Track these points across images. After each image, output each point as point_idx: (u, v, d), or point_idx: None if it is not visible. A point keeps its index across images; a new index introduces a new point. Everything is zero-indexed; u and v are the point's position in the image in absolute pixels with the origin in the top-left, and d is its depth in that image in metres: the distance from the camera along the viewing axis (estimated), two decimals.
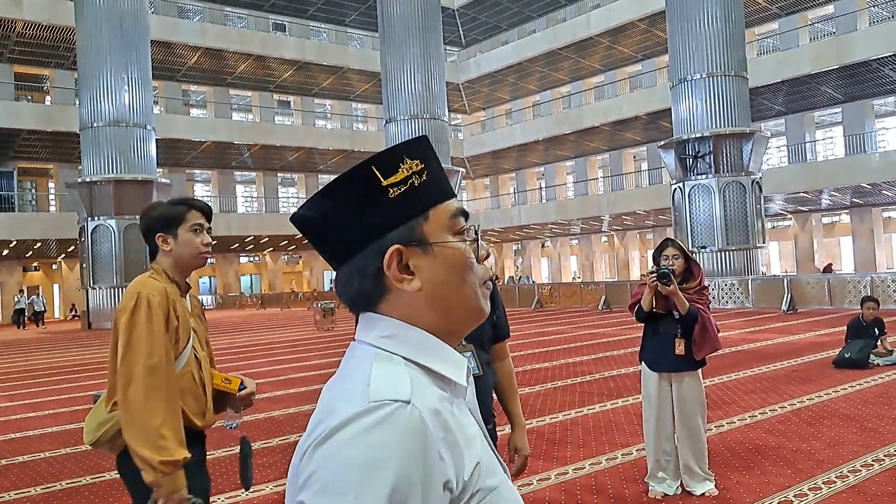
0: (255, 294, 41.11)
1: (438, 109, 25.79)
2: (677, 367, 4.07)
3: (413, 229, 0.84)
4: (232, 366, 11.74)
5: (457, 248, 0.86)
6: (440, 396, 0.80)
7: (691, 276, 4.13)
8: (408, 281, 0.83)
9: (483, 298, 0.88)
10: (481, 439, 0.83)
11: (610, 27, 34.05)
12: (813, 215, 33.37)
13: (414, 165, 0.84)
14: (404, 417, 0.73)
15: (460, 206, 0.89)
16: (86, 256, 24.38)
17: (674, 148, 21.89)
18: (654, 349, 4.14)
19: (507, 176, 46.37)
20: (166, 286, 2.31)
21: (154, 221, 2.34)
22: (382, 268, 0.83)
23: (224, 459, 5.59)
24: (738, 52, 21.52)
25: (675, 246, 4.12)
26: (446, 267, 0.85)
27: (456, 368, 0.84)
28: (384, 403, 0.73)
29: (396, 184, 0.83)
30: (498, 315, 2.58)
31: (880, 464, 4.59)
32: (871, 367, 8.23)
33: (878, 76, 27.57)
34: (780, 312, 17.24)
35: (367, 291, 0.85)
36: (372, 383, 0.76)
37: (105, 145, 24.01)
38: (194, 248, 2.36)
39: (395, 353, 0.82)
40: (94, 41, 23.99)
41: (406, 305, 0.84)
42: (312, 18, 39.70)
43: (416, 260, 0.84)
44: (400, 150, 0.85)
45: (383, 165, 0.84)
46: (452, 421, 0.78)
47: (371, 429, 0.72)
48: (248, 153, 37.94)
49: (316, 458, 0.73)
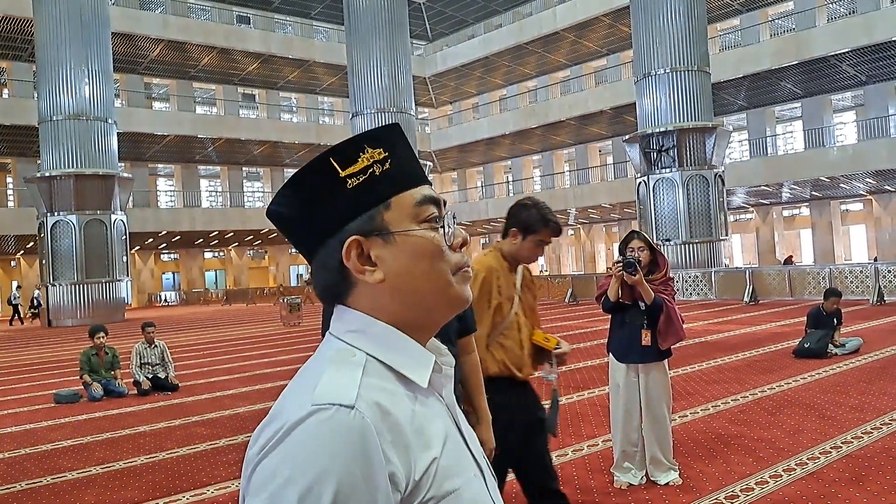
0: (220, 290, 40.68)
1: (405, 103, 25.72)
2: (644, 357, 4.11)
3: (373, 219, 0.83)
4: (196, 362, 11.62)
5: (421, 237, 0.84)
6: (399, 395, 0.78)
7: (657, 267, 4.17)
8: (370, 272, 0.82)
9: (460, 285, 0.86)
10: (450, 438, 0.81)
11: (575, 22, 34.23)
12: (774, 208, 33.96)
13: (376, 154, 0.83)
14: (344, 422, 0.71)
15: (429, 193, 0.86)
16: (45, 253, 23.90)
17: (638, 142, 22.11)
18: (621, 340, 4.16)
19: (475, 170, 46.43)
20: (497, 263, 2.88)
21: (519, 217, 2.85)
22: (343, 261, 0.82)
23: (187, 458, 5.53)
24: (700, 48, 21.80)
25: (640, 238, 4.15)
26: (410, 256, 0.83)
27: (419, 367, 0.82)
28: (324, 408, 0.72)
29: (355, 174, 0.82)
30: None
31: (838, 451, 4.70)
32: (830, 356, 8.41)
33: (835, 72, 28.11)
34: (742, 304, 17.52)
35: (332, 285, 0.85)
36: (318, 387, 0.75)
37: (65, 139, 23.54)
38: (529, 255, 2.89)
39: (358, 349, 0.81)
40: (53, 33, 23.49)
41: (372, 297, 0.83)
42: (277, 11, 39.28)
43: (378, 250, 0.83)
44: (361, 139, 0.84)
45: (342, 156, 0.83)
46: (408, 421, 0.76)
47: (310, 437, 0.71)
48: (213, 147, 37.46)
49: (258, 473, 0.72)
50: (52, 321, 23.91)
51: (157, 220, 35.25)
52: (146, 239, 36.08)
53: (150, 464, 5.40)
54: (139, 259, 39.69)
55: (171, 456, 5.59)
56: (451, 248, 0.86)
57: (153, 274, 41.69)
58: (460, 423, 0.87)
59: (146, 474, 5.11)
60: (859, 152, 26.66)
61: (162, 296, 40.22)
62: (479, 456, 0.86)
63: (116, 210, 24.48)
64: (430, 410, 0.81)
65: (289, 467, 0.70)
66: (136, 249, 37.56)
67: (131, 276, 27.31)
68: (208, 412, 7.31)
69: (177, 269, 43.22)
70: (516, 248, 2.85)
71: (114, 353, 9.00)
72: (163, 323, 23.42)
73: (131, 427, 6.80)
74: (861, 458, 4.51)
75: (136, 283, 38.00)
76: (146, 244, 37.84)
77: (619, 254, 4.19)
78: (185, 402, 7.99)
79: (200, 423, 6.79)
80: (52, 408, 8.19)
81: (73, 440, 6.39)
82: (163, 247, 40.52)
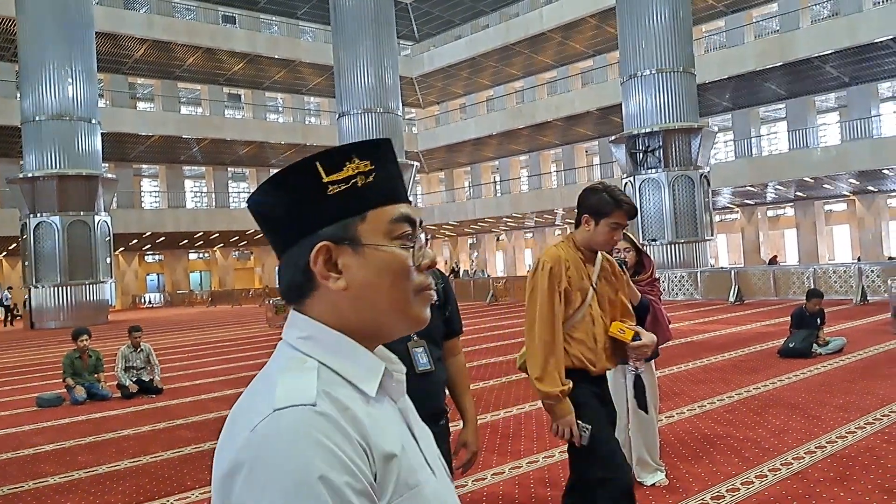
0: (205, 291, 40.45)
1: (392, 103, 25.68)
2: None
3: (346, 228, 0.84)
4: (181, 365, 11.54)
5: (390, 253, 0.85)
6: (353, 398, 0.80)
7: (643, 268, 4.17)
8: (334, 279, 0.84)
9: (419, 306, 0.88)
10: (405, 441, 0.83)
11: (562, 23, 34.32)
12: (759, 209, 34.18)
13: (362, 166, 0.85)
14: (309, 417, 0.73)
15: (406, 212, 0.88)
16: (28, 254, 23.69)
17: (624, 142, 22.19)
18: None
19: (462, 170, 46.46)
20: (567, 254, 2.75)
21: (587, 202, 2.74)
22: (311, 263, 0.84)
23: (172, 461, 5.48)
24: (686, 49, 21.91)
25: (626, 239, 4.11)
26: (376, 270, 0.85)
27: (369, 375, 0.83)
28: (288, 409, 0.73)
29: (337, 181, 0.84)
30: (450, 310, 2.56)
31: (822, 450, 4.72)
32: (814, 356, 8.47)
33: (819, 73, 28.34)
34: (727, 303, 17.62)
35: (297, 284, 0.86)
36: (277, 391, 0.76)
37: (48, 140, 23.35)
38: (605, 241, 2.74)
39: (309, 356, 0.82)
40: (36, 32, 23.30)
41: (331, 303, 0.85)
42: (263, 11, 39.13)
43: (346, 259, 0.84)
44: (350, 148, 0.86)
45: (328, 162, 0.84)
46: (365, 417, 0.78)
47: (282, 440, 0.72)
48: (198, 147, 37.26)
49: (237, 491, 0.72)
50: (34, 323, 23.70)
51: (142, 221, 35.01)
52: (130, 240, 35.84)
53: (134, 468, 5.35)
54: (123, 260, 39.43)
55: (155, 460, 5.54)
56: (419, 268, 0.87)
57: (137, 275, 41.42)
58: (413, 427, 0.89)
59: (130, 478, 5.06)
60: (843, 153, 26.89)
61: (146, 297, 39.96)
62: (431, 459, 0.88)
63: (100, 211, 24.29)
64: (382, 415, 0.83)
65: (272, 479, 0.71)
66: (120, 251, 37.32)
67: (115, 277, 27.11)
68: (193, 415, 7.26)
69: (161, 271, 42.95)
70: (590, 235, 2.73)
71: (97, 357, 8.93)
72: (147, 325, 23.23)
73: (115, 431, 6.74)
74: (845, 458, 4.53)
75: (120, 285, 37.74)
76: (130, 245, 37.59)
77: None
78: (169, 406, 7.93)
79: (185, 427, 6.74)
80: (34, 411, 8.11)
81: (55, 444, 6.32)
82: (147, 248, 40.27)
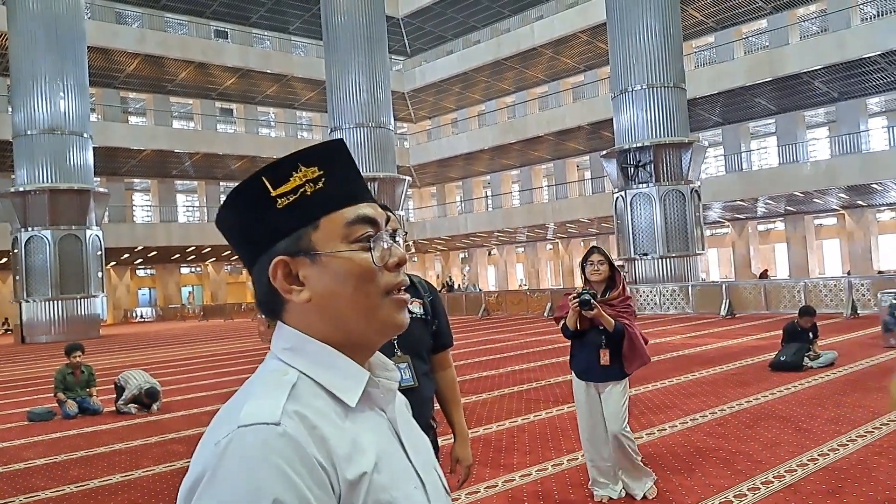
0: (198, 305, 40.29)
1: (384, 118, 25.74)
2: (604, 376, 4.13)
3: (300, 239, 0.83)
4: (174, 378, 11.48)
5: (348, 258, 0.83)
6: (328, 411, 0.79)
7: (614, 284, 4.17)
8: (296, 292, 0.83)
9: (390, 309, 0.86)
10: (387, 452, 0.82)
11: (553, 38, 34.54)
12: (749, 223, 34.34)
13: (310, 173, 0.83)
14: (270, 437, 0.72)
15: (364, 212, 0.85)
16: (19, 268, 23.58)
17: (615, 157, 22.29)
18: (582, 359, 4.18)
19: (454, 184, 46.54)
20: None
21: None
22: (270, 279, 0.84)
23: (164, 476, 5.45)
24: (676, 65, 22.07)
25: (600, 253, 4.20)
26: (335, 278, 0.83)
27: (351, 385, 0.82)
28: (249, 428, 0.73)
29: (285, 193, 0.83)
30: (439, 323, 2.53)
31: (815, 463, 4.74)
32: (806, 369, 8.50)
33: (808, 88, 28.59)
34: (718, 317, 17.67)
35: (265, 301, 0.86)
36: (245, 407, 0.76)
37: (39, 153, 23.31)
38: None
39: (292, 367, 0.82)
40: (27, 46, 23.30)
41: (301, 316, 0.84)
42: (255, 26, 39.23)
43: (305, 270, 0.83)
44: (295, 157, 0.84)
45: (274, 175, 0.83)
46: (336, 435, 0.77)
47: (240, 457, 0.72)
48: (190, 162, 37.22)
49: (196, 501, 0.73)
50: (25, 337, 23.55)
51: (133, 235, 34.89)
52: (122, 254, 35.70)
53: (126, 482, 5.32)
54: (115, 275, 39.26)
55: (147, 474, 5.51)
56: (387, 267, 0.85)
57: (129, 290, 41.24)
58: (402, 436, 0.87)
59: (122, 493, 5.04)
60: (832, 168, 27.08)
61: (138, 312, 39.78)
62: (421, 469, 0.86)
63: (92, 225, 24.22)
64: (363, 426, 0.81)
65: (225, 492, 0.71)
66: (112, 265, 37.17)
67: (106, 291, 26.99)
68: (185, 429, 7.22)
69: (153, 285, 42.77)
70: None
71: (90, 372, 8.87)
72: (139, 339, 23.16)
73: (107, 445, 6.70)
74: (837, 471, 4.56)
75: (112, 299, 37.55)
76: (122, 259, 37.44)
77: (580, 269, 4.25)
78: (161, 420, 7.89)
79: (177, 441, 6.71)
80: (25, 426, 8.05)
81: (46, 458, 6.28)
82: (139, 262, 40.12)
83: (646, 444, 5.46)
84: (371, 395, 0.84)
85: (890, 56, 25.23)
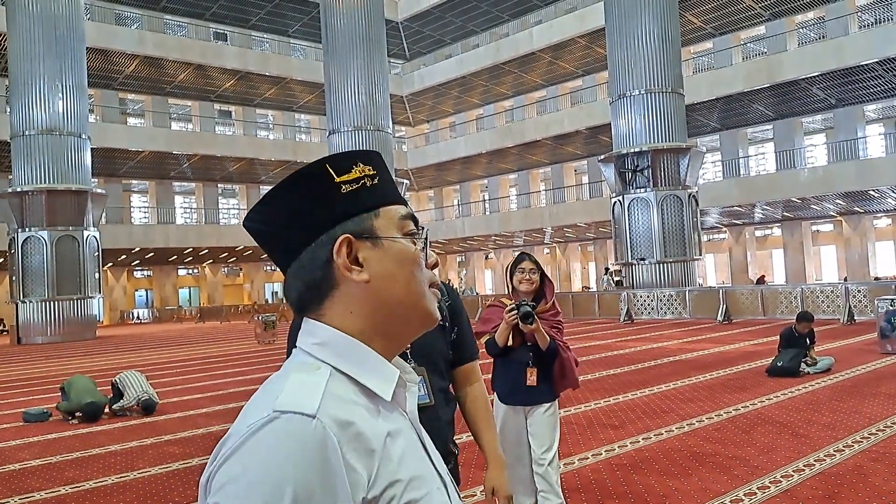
0: (194, 307, 40.24)
1: (382, 121, 25.76)
2: (530, 398, 3.54)
3: (364, 222, 0.87)
4: (169, 380, 11.46)
5: (406, 245, 0.88)
6: (362, 407, 0.79)
7: (542, 296, 3.61)
8: (357, 271, 0.85)
9: (431, 302, 0.90)
10: (413, 452, 0.83)
11: (552, 43, 34.62)
12: (746, 228, 34.39)
13: (367, 170, 0.88)
14: (303, 429, 0.72)
15: (411, 211, 0.92)
16: (16, 269, 23.54)
17: (613, 162, 22.32)
18: (505, 380, 3.60)
19: (451, 188, 46.57)
20: None
21: None
22: (331, 259, 0.84)
23: (159, 477, 5.44)
24: (674, 70, 22.11)
25: (531, 260, 3.64)
26: (395, 261, 0.87)
27: (384, 380, 0.83)
28: (285, 415, 0.73)
29: (349, 181, 0.87)
30: (460, 331, 2.25)
31: (811, 468, 4.74)
32: (802, 375, 8.51)
33: (806, 95, 28.66)
34: (715, 322, 17.68)
35: (316, 283, 0.86)
36: (281, 395, 0.76)
37: (37, 154, 23.29)
38: None
39: (323, 362, 0.82)
40: (26, 47, 23.30)
41: (353, 300, 0.85)
42: (255, 28, 39.26)
43: (366, 252, 0.86)
44: (354, 154, 0.89)
45: (337, 164, 0.87)
46: (370, 431, 0.77)
47: (270, 443, 0.71)
48: (188, 163, 37.20)
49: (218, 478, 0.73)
50: (21, 338, 23.49)
51: (131, 236, 34.85)
52: (119, 255, 35.66)
53: (121, 483, 5.30)
54: (112, 276, 39.21)
55: (142, 475, 5.50)
56: (426, 266, 0.91)
57: (126, 291, 41.18)
58: (423, 437, 0.88)
59: (117, 494, 5.02)
60: (829, 174, 27.15)
61: (134, 313, 39.72)
62: (442, 470, 0.87)
63: (89, 226, 24.20)
64: (393, 424, 0.82)
65: (247, 473, 0.70)
66: (109, 266, 37.12)
67: (103, 293, 26.95)
68: (181, 431, 7.21)
69: (150, 287, 42.71)
70: None
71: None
72: (135, 340, 23.11)
73: (102, 446, 6.68)
74: (834, 476, 4.56)
75: (109, 301, 37.51)
76: (119, 261, 37.39)
77: (507, 276, 3.67)
78: (157, 421, 7.88)
79: (173, 442, 6.70)
80: (20, 426, 8.03)
81: (41, 459, 6.26)
82: (136, 263, 40.06)
83: (642, 449, 5.47)
84: (396, 393, 0.85)
85: (887, 63, 25.32)
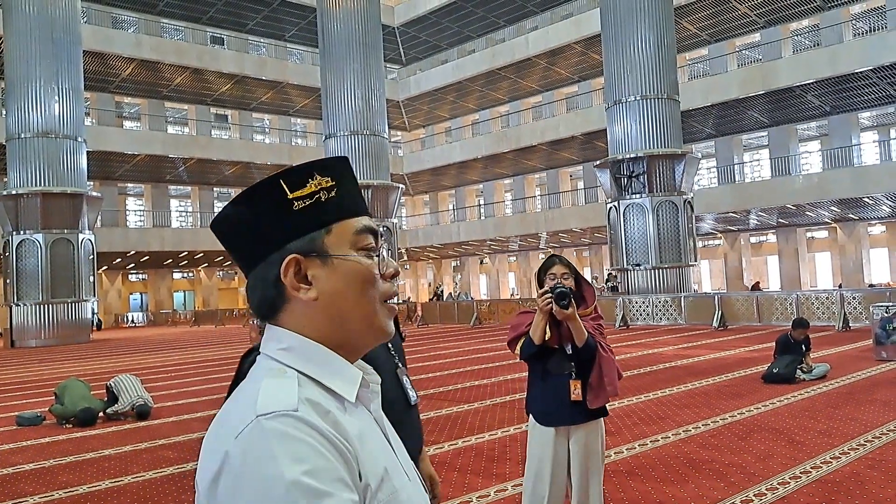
0: (189, 311, 40.14)
1: (378, 126, 25.78)
2: (575, 417, 3.06)
3: (314, 241, 0.88)
4: (164, 384, 11.42)
5: (357, 263, 0.89)
6: (332, 406, 0.82)
7: (584, 301, 3.10)
8: (304, 290, 0.87)
9: (383, 317, 0.91)
10: (382, 447, 0.86)
11: (547, 49, 34.72)
12: (741, 235, 34.47)
13: (324, 182, 0.88)
14: (292, 423, 0.75)
15: (369, 224, 0.92)
16: (10, 272, 23.46)
17: (609, 167, 22.35)
18: (546, 396, 3.12)
19: (447, 193, 46.60)
20: None
21: None
22: (280, 276, 0.87)
23: (154, 482, 5.41)
24: (670, 76, 22.17)
25: (563, 263, 3.13)
26: (344, 280, 0.88)
27: (347, 382, 0.86)
28: (269, 416, 0.75)
29: (302, 197, 0.87)
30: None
31: (807, 475, 4.74)
32: (798, 381, 8.52)
33: (801, 102, 28.77)
34: (711, 329, 17.70)
35: (268, 299, 0.89)
36: (259, 399, 0.78)
37: (33, 157, 23.25)
38: None
39: (289, 366, 0.85)
40: (22, 49, 23.27)
41: (304, 315, 0.87)
42: (251, 32, 39.28)
43: (315, 270, 0.87)
44: (311, 166, 0.90)
45: (291, 179, 0.88)
46: (346, 425, 0.80)
47: (265, 446, 0.73)
48: (184, 167, 37.16)
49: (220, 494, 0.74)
50: (15, 342, 23.41)
51: (126, 239, 34.77)
52: (114, 259, 35.57)
53: (116, 488, 5.28)
54: (106, 279, 39.09)
55: (136, 480, 5.47)
56: (383, 276, 0.91)
57: (120, 294, 41.07)
58: (388, 434, 0.92)
59: (111, 499, 5.00)
60: (824, 181, 27.23)
61: (129, 316, 39.60)
62: (405, 464, 0.91)
63: (84, 229, 24.14)
64: (361, 423, 0.85)
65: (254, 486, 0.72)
66: (104, 269, 37.01)
67: (98, 296, 26.86)
68: (175, 435, 7.18)
69: (145, 290, 42.60)
70: None
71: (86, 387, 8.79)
72: (130, 344, 23.04)
73: (96, 450, 6.65)
74: (830, 483, 4.56)
75: (103, 304, 37.39)
76: (114, 264, 37.28)
77: (537, 284, 3.15)
78: (151, 426, 7.84)
79: (167, 447, 6.67)
80: (14, 430, 7.99)
81: (35, 464, 6.23)
82: (131, 267, 39.96)
83: (638, 456, 5.46)
84: (360, 394, 0.88)
85: (881, 71, 25.43)
